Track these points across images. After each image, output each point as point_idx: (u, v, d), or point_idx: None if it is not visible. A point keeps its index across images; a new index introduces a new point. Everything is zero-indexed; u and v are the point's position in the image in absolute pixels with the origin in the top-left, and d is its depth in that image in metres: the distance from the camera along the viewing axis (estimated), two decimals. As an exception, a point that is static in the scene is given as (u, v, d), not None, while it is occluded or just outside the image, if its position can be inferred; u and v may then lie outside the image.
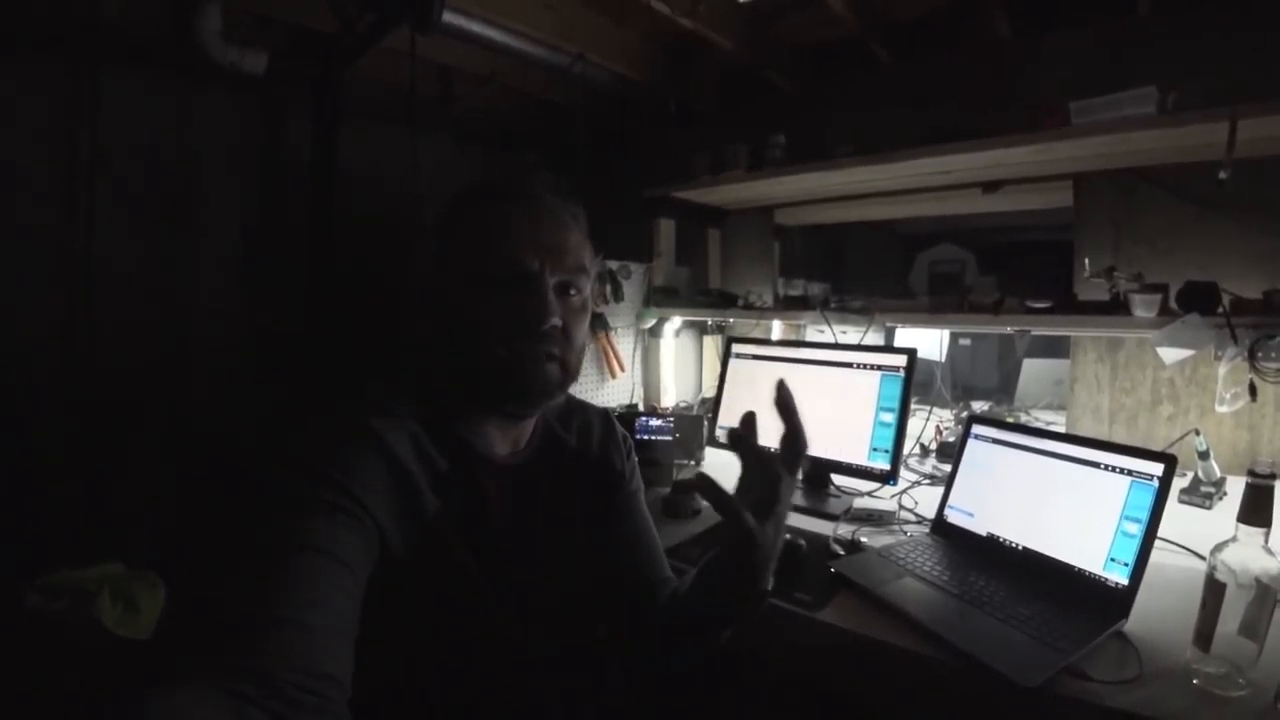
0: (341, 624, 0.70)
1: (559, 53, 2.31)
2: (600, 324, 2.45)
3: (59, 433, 1.89)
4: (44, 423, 1.86)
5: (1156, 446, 1.25)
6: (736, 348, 2.06)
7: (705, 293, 2.67)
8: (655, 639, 1.08)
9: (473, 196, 0.95)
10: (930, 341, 2.47)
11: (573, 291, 0.95)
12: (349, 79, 2.11)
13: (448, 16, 1.85)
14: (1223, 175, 1.50)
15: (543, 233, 0.92)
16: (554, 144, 2.92)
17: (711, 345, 2.83)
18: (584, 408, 1.17)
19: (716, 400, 2.05)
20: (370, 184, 2.33)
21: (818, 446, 1.76)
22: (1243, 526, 0.96)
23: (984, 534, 1.39)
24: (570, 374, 0.96)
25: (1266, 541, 0.95)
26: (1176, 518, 1.47)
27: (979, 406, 2.47)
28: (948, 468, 1.56)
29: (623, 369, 2.56)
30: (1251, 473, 0.96)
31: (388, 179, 2.33)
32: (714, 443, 2.04)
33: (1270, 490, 0.95)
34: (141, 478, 1.99)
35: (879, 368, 1.74)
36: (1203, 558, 1.00)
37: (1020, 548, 1.32)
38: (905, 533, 1.53)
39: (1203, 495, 1.66)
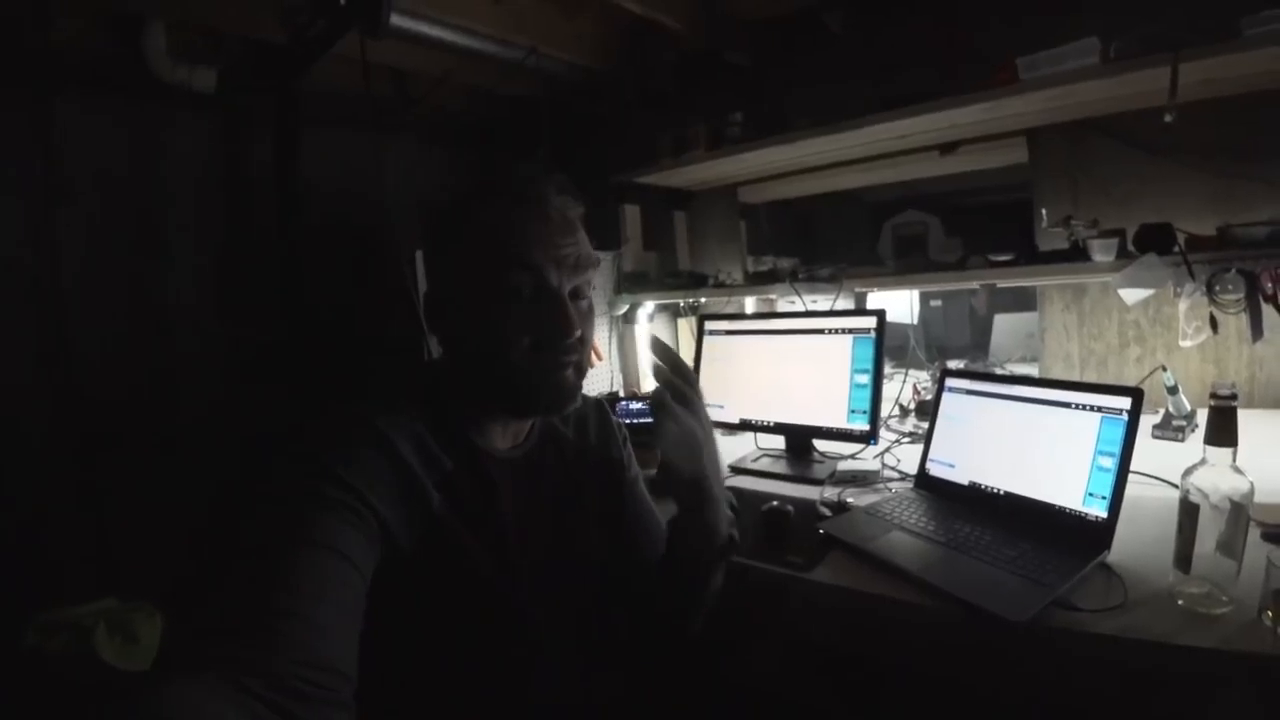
0: (347, 618, 0.70)
1: (511, 47, 2.30)
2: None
3: (45, 468, 1.85)
4: (28, 459, 1.83)
5: (1127, 385, 1.28)
6: (710, 325, 2.07)
7: (675, 275, 2.68)
8: (657, 609, 1.11)
9: (482, 198, 0.92)
10: (902, 305, 2.50)
11: (583, 296, 0.95)
12: (306, 88, 2.10)
13: (396, 19, 1.83)
14: (1168, 118, 1.52)
15: (557, 242, 0.90)
16: (517, 137, 2.91)
17: (686, 327, 2.83)
18: None
19: (695, 379, 2.06)
20: (338, 191, 2.31)
21: (797, 413, 1.81)
22: (1210, 448, 0.99)
23: (966, 483, 1.41)
24: (584, 374, 0.97)
25: (1234, 460, 0.97)
26: (1152, 452, 1.51)
27: (954, 365, 2.50)
28: (927, 426, 1.58)
29: (600, 358, 2.57)
30: (1213, 395, 0.98)
31: (355, 185, 2.32)
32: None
33: (1233, 410, 0.97)
34: (134, 507, 1.96)
35: (850, 331, 1.76)
36: (1178, 487, 1.02)
37: (1002, 492, 1.34)
38: (890, 490, 1.55)
39: (1175, 429, 1.70)
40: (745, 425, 1.91)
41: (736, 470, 1.81)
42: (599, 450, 1.13)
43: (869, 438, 1.71)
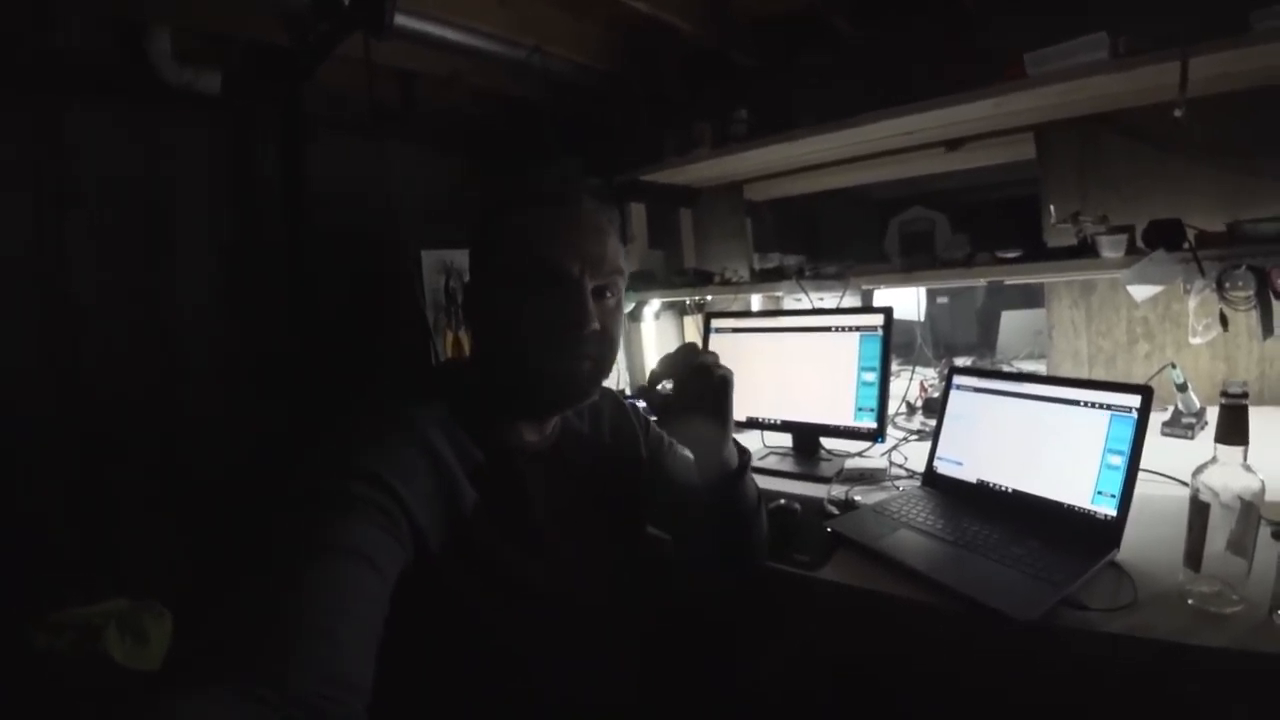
0: (364, 630, 0.68)
1: (517, 48, 2.29)
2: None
3: (51, 471, 1.85)
4: (34, 461, 1.83)
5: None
6: (716, 323, 2.06)
7: (681, 273, 2.68)
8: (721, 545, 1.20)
9: (514, 203, 0.96)
10: (909, 302, 2.50)
11: (609, 294, 0.97)
12: (311, 91, 2.10)
13: (400, 19, 1.83)
14: (1178, 113, 1.51)
15: (583, 240, 0.93)
16: (522, 140, 2.90)
17: (692, 324, 2.84)
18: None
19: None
20: (343, 194, 2.31)
21: (805, 411, 1.80)
22: (1221, 446, 0.98)
23: (974, 481, 1.41)
24: (603, 372, 0.99)
25: (1245, 459, 0.97)
26: (1161, 450, 1.50)
27: (961, 362, 2.49)
28: (934, 423, 1.58)
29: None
30: (1224, 393, 0.97)
31: (359, 188, 2.32)
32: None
33: (1244, 409, 0.96)
34: (139, 511, 1.97)
35: (857, 329, 1.76)
36: (1188, 485, 1.02)
37: (1010, 490, 1.34)
38: (897, 488, 1.54)
39: (1184, 426, 1.69)
40: (752, 423, 1.91)
41: (743, 468, 1.81)
42: (614, 447, 1.15)
43: (876, 435, 1.70)
